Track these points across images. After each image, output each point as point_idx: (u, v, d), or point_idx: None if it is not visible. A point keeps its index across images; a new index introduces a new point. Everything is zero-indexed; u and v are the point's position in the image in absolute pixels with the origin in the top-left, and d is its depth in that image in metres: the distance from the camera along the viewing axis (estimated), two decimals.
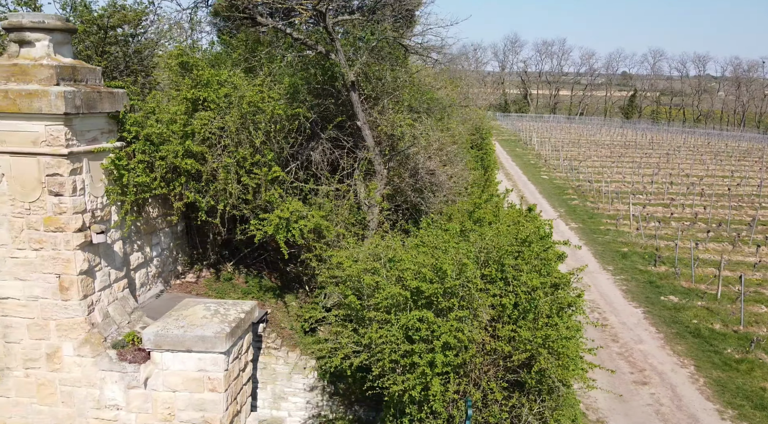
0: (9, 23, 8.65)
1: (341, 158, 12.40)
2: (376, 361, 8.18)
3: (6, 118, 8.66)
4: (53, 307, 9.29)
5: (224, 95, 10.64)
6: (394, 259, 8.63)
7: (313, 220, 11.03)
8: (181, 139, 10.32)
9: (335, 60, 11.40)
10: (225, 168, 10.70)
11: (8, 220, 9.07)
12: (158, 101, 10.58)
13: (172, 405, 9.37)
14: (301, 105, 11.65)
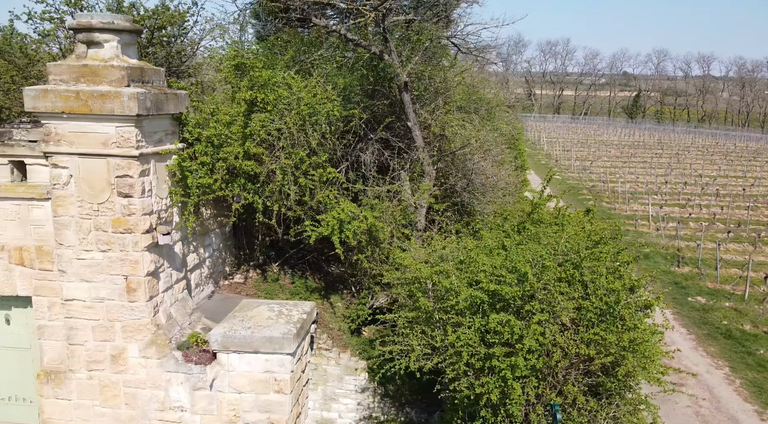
0: (78, 23, 8.61)
1: (390, 159, 12.37)
2: (450, 364, 8.16)
3: (76, 120, 8.64)
4: (119, 308, 9.28)
5: (282, 97, 10.60)
6: (465, 261, 8.59)
7: (367, 221, 11.01)
8: (240, 141, 10.30)
9: (388, 61, 11.38)
10: (282, 169, 10.67)
11: (75, 221, 9.05)
12: (217, 103, 10.56)
13: (238, 406, 9.36)
14: (355, 106, 11.63)
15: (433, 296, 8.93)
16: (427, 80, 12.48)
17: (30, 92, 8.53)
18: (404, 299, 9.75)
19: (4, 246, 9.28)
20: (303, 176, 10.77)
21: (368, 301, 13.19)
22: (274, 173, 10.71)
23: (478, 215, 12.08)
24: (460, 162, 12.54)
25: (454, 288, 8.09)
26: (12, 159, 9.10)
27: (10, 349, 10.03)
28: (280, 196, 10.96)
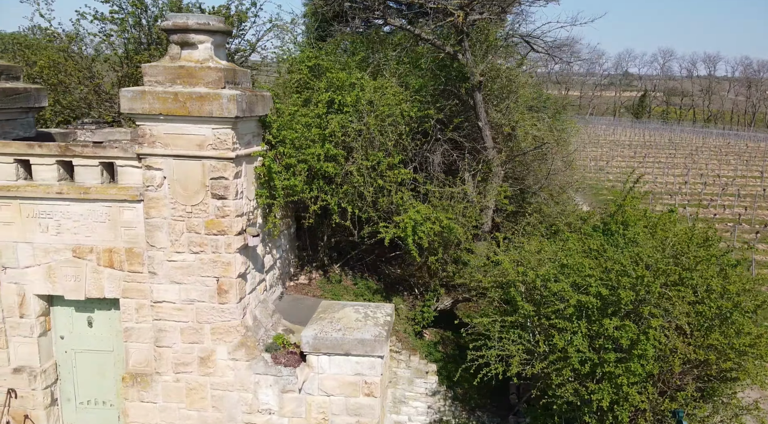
0: (174, 24, 8.56)
1: (459, 160, 12.34)
2: (556, 370, 8.10)
3: (172, 121, 8.60)
4: (210, 310, 9.24)
5: (360, 98, 10.57)
6: (568, 264, 8.54)
7: (441, 222, 10.97)
8: (321, 142, 10.27)
9: (462, 60, 11.33)
10: (359, 171, 10.64)
11: (168, 223, 9.02)
12: (299, 105, 10.53)
13: (327, 409, 9.33)
14: (430, 106, 11.60)
15: (530, 299, 8.87)
16: (503, 80, 12.43)
17: (127, 93, 8.49)
18: (494, 303, 9.66)
19: (93, 248, 9.24)
20: (380, 178, 10.74)
21: (433, 303, 13.17)
22: (350, 175, 10.68)
23: (552, 216, 12.02)
24: (530, 162, 12.50)
25: (565, 293, 8.03)
26: (103, 161, 9.06)
27: (92, 352, 10.00)
28: (354, 197, 10.93)
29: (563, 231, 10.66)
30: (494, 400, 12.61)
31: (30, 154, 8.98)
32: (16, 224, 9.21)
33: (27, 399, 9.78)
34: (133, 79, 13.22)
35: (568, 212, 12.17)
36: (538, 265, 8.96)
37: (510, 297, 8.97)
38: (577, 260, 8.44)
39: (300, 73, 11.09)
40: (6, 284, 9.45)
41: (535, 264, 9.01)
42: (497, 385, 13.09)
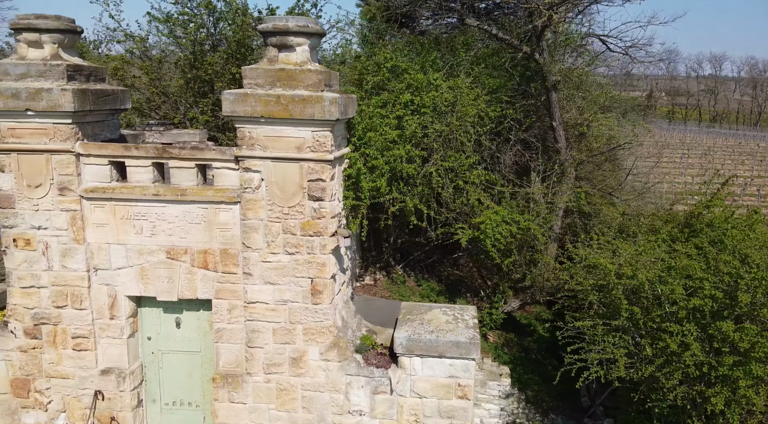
0: (274, 26, 8.60)
1: (531, 161, 12.38)
2: (666, 373, 8.11)
3: (272, 124, 8.66)
4: (303, 311, 9.29)
5: (442, 99, 10.62)
6: (674, 267, 8.54)
7: (518, 224, 11.00)
8: (402, 144, 10.32)
9: (540, 60, 11.37)
10: (437, 172, 10.69)
11: (264, 224, 9.07)
12: (378, 106, 10.59)
13: (419, 411, 9.36)
14: (509, 107, 11.66)
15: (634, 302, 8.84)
16: (576, 79, 12.48)
17: (229, 96, 8.54)
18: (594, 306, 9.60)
19: (188, 250, 9.29)
20: (457, 178, 10.79)
21: (501, 305, 13.21)
22: (428, 176, 10.73)
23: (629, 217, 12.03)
24: (602, 163, 12.53)
25: (675, 295, 8.04)
26: (199, 163, 9.12)
27: (179, 353, 10.06)
28: (429, 198, 10.98)
29: (641, 232, 10.66)
30: (564, 402, 12.64)
31: (126, 156, 9.04)
32: (110, 226, 9.27)
33: (114, 401, 9.83)
34: (199, 81, 13.30)
35: (647, 213, 12.17)
36: (638, 267, 8.95)
37: (610, 300, 8.97)
38: (684, 262, 8.43)
39: (378, 75, 11.12)
40: (97, 285, 9.51)
41: (637, 266, 8.99)
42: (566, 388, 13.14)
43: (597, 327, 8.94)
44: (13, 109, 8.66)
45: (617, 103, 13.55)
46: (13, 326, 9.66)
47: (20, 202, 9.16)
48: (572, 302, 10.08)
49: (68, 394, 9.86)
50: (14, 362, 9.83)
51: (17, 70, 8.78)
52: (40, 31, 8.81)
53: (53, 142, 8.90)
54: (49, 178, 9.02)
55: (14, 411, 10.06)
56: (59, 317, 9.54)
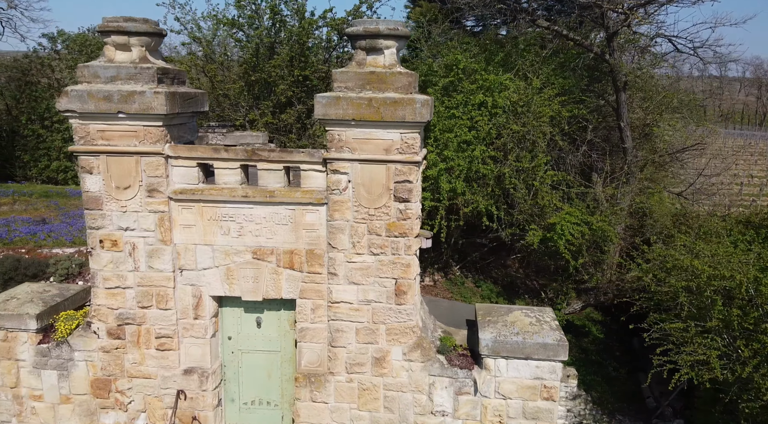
0: (365, 29, 8.65)
1: (599, 161, 12.38)
2: (765, 373, 8.08)
3: (362, 127, 8.71)
4: (386, 311, 9.34)
5: (510, 99, 10.66)
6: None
7: (591, 225, 11.00)
8: (476, 145, 10.35)
9: (610, 60, 11.36)
10: (510, 172, 10.72)
11: (350, 225, 9.13)
12: (452, 107, 10.62)
13: (503, 412, 9.37)
14: (582, 107, 11.67)
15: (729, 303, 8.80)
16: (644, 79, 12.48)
17: (321, 99, 8.61)
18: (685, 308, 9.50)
19: (274, 250, 9.37)
20: (530, 179, 10.82)
21: (564, 306, 13.20)
22: (502, 177, 10.76)
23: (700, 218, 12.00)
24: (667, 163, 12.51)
25: None
26: (287, 165, 9.19)
27: (259, 352, 10.14)
28: (500, 199, 11.01)
29: (717, 233, 10.62)
30: (630, 404, 12.62)
31: (216, 158, 9.14)
32: (197, 227, 9.37)
33: (197, 400, 9.93)
34: (259, 83, 13.40)
35: (719, 213, 12.14)
36: (731, 268, 8.90)
37: (700, 301, 8.94)
38: None
39: (450, 77, 11.15)
40: (181, 285, 9.61)
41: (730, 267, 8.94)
42: (629, 389, 13.09)
43: (690, 329, 8.90)
44: (105, 111, 8.78)
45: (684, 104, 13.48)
46: (97, 326, 9.79)
47: (108, 203, 9.27)
48: (650, 303, 10.06)
49: (149, 394, 9.97)
50: (95, 363, 9.95)
51: (107, 73, 8.89)
52: (128, 34, 8.91)
53: (143, 144, 9.01)
54: (138, 180, 9.13)
55: (93, 412, 10.18)
56: (144, 318, 9.65)
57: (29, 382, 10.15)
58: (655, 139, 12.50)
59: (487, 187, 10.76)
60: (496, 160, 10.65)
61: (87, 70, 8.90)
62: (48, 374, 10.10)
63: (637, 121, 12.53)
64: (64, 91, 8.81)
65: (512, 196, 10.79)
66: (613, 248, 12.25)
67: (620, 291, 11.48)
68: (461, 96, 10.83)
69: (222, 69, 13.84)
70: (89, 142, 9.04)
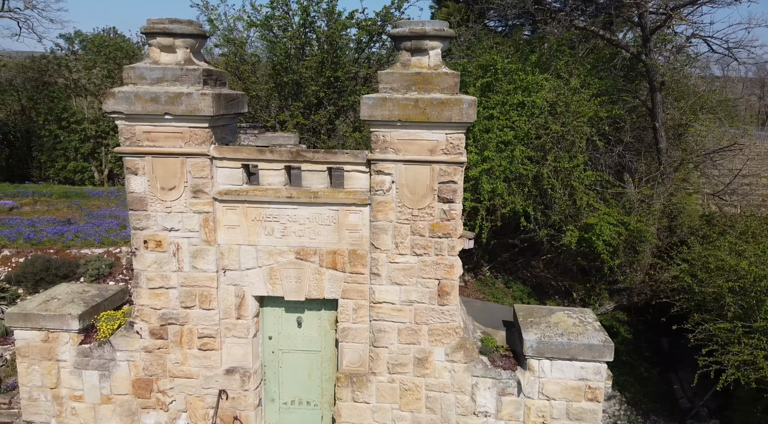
0: (410, 31, 8.66)
1: (633, 161, 12.36)
2: None
3: (407, 128, 8.72)
4: (429, 311, 9.35)
5: (552, 99, 10.65)
6: None
7: (628, 225, 10.99)
8: (515, 145, 10.35)
9: (647, 61, 11.34)
10: (548, 173, 10.71)
11: (393, 226, 9.15)
12: (490, 107, 10.63)
13: (546, 413, 9.37)
14: (620, 107, 11.66)
15: None
16: (678, 80, 12.46)
17: (368, 101, 8.63)
18: (731, 309, 9.48)
19: (317, 250, 9.41)
20: (568, 179, 10.81)
21: (596, 307, 13.18)
22: (539, 177, 10.76)
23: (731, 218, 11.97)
24: (700, 163, 12.47)
25: None
26: (330, 166, 9.22)
27: (299, 352, 10.18)
28: (537, 199, 11.01)
29: (754, 233, 10.57)
30: (663, 404, 12.60)
31: (261, 159, 9.17)
32: (241, 227, 9.41)
33: (238, 400, 9.97)
34: (290, 84, 13.44)
35: (758, 213, 12.09)
36: None
37: (748, 301, 8.91)
38: None
39: (487, 77, 11.15)
40: (225, 285, 9.66)
41: None
42: (660, 389, 13.05)
43: (736, 329, 8.87)
44: (152, 112, 8.83)
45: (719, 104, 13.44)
46: (140, 326, 9.84)
47: (153, 204, 9.33)
48: (690, 304, 10.04)
49: (191, 394, 10.01)
50: (137, 363, 10.00)
51: (153, 75, 8.94)
52: (174, 36, 8.95)
53: (188, 145, 9.06)
54: (183, 181, 9.18)
55: (134, 412, 10.23)
56: (187, 318, 9.69)
57: (70, 382, 10.21)
58: (688, 139, 12.47)
59: (524, 187, 10.77)
60: (533, 160, 10.65)
61: (133, 71, 8.96)
62: (89, 375, 10.16)
63: (671, 121, 12.50)
64: (111, 92, 8.87)
65: (550, 197, 10.78)
66: (646, 248, 12.22)
67: (655, 292, 11.45)
68: (499, 96, 10.84)
69: (253, 70, 13.89)
70: (135, 143, 9.10)
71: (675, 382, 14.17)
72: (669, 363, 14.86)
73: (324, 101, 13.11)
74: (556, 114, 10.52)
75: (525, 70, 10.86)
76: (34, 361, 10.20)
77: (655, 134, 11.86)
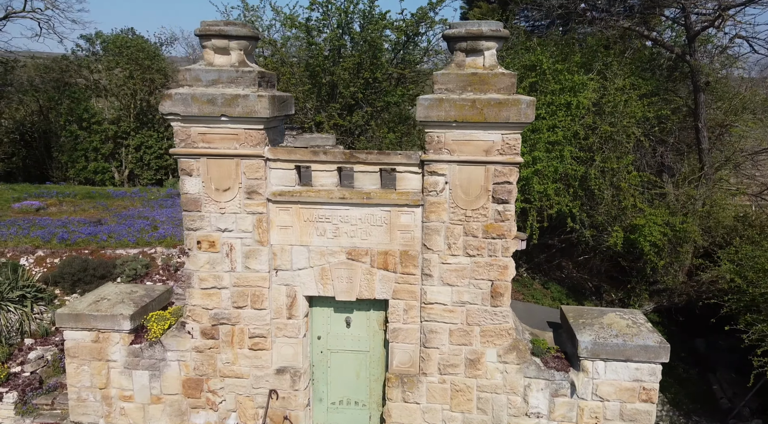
0: (467, 31, 8.66)
1: (674, 161, 12.33)
2: None
3: (463, 128, 8.72)
4: (481, 313, 9.36)
5: (591, 100, 10.64)
6: None
7: (676, 226, 10.95)
8: (563, 146, 10.34)
9: (691, 61, 11.30)
10: (595, 173, 10.69)
11: (446, 227, 9.16)
12: (537, 108, 10.62)
13: (599, 414, 9.35)
14: (666, 107, 11.63)
15: None
16: (720, 80, 12.42)
17: (424, 102, 8.64)
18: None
19: (368, 251, 9.43)
20: (615, 179, 10.79)
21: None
22: (585, 177, 10.74)
23: None
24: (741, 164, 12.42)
25: None
26: (383, 167, 9.24)
27: (348, 352, 10.21)
28: (584, 200, 10.99)
29: None
30: (704, 405, 12.56)
31: (314, 161, 9.21)
32: (294, 228, 9.45)
33: (288, 400, 10.01)
34: (327, 85, 13.46)
35: None
36: None
37: None
38: None
39: (533, 77, 11.15)
40: (276, 285, 9.70)
41: None
42: (700, 390, 13.00)
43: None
44: (208, 114, 8.88)
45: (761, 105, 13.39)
46: (191, 326, 9.90)
47: (206, 205, 9.38)
48: (739, 305, 10.00)
49: (241, 393, 10.06)
50: (188, 363, 10.06)
51: (209, 77, 9.00)
52: (229, 38, 8.99)
53: (243, 147, 9.11)
54: (238, 182, 9.23)
55: (184, 412, 10.29)
56: (238, 318, 9.74)
57: (120, 382, 10.28)
58: (730, 140, 12.42)
59: (569, 188, 10.76)
60: (581, 160, 10.63)
61: (189, 73, 9.02)
62: (139, 375, 10.22)
63: (712, 121, 12.45)
64: (167, 94, 8.93)
65: (597, 197, 10.76)
66: (689, 249, 12.18)
67: (697, 293, 11.41)
68: (546, 96, 10.82)
69: (293, 72, 13.91)
70: (190, 144, 9.16)
71: (713, 382, 14.12)
72: (706, 364, 14.81)
73: (361, 102, 13.14)
74: (603, 114, 10.50)
75: (570, 70, 10.84)
76: (84, 361, 10.28)
77: (697, 134, 11.82)
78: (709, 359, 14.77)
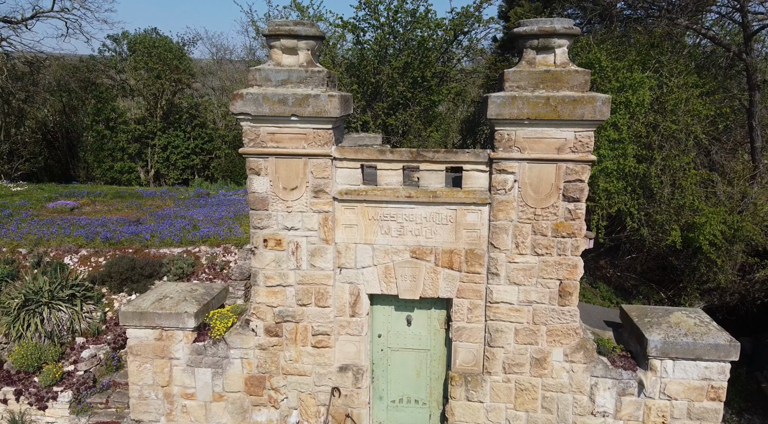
0: (540, 29, 8.62)
1: (728, 159, 12.24)
2: None
3: (535, 126, 8.71)
4: (549, 312, 9.34)
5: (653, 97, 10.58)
6: None
7: (733, 224, 10.87)
8: (626, 144, 10.29)
9: (748, 59, 11.21)
10: (656, 171, 10.63)
11: (514, 225, 9.15)
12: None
13: (667, 413, 9.30)
14: (725, 106, 11.56)
15: None
16: None
17: (496, 99, 8.63)
18: None
19: (433, 249, 9.44)
20: (676, 178, 10.72)
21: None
22: (645, 175, 10.68)
23: None
24: None
25: None
26: (450, 166, 9.25)
27: (408, 350, 10.23)
28: (643, 198, 10.94)
29: None
30: (755, 403, 12.47)
31: (381, 160, 9.23)
32: (359, 227, 9.48)
33: (351, 398, 10.05)
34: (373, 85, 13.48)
35: None
36: None
37: None
38: None
39: (592, 76, 11.09)
40: (340, 283, 9.74)
41: None
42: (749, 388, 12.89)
43: None
44: (279, 114, 8.93)
45: None
46: (255, 324, 9.96)
47: (274, 204, 9.44)
48: None
49: (303, 391, 10.11)
50: (251, 361, 10.13)
51: (278, 77, 9.04)
52: (298, 38, 9.02)
53: (311, 146, 9.14)
54: (305, 182, 9.27)
55: (245, 409, 10.35)
56: (302, 315, 9.79)
57: (182, 380, 10.35)
58: None
59: (628, 186, 10.71)
60: (642, 159, 10.58)
61: (258, 73, 9.06)
62: (202, 372, 10.30)
63: (765, 119, 12.36)
64: (238, 93, 8.98)
65: (657, 196, 10.71)
66: (742, 247, 12.08)
67: (749, 291, 11.32)
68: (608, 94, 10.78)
69: (346, 73, 13.95)
70: (259, 144, 9.21)
71: (762, 381, 14.02)
72: (753, 363, 14.70)
73: (409, 101, 13.14)
74: (665, 112, 10.44)
75: (631, 68, 10.79)
76: (147, 359, 10.37)
77: (751, 133, 11.74)
78: (756, 358, 14.67)
